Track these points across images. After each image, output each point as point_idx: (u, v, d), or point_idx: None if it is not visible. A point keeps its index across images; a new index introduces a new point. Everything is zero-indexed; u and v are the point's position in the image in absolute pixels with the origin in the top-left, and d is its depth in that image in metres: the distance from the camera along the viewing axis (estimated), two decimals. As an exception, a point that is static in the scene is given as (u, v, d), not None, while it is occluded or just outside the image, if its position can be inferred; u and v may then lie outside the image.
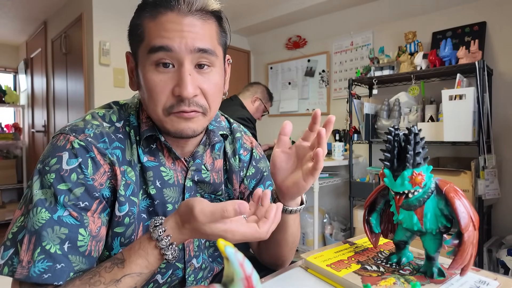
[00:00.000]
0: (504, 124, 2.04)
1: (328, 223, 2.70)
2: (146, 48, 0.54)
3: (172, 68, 0.54)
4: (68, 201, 0.50)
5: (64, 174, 0.51)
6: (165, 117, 0.55)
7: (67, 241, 0.49)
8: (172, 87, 0.54)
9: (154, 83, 0.54)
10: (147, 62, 0.54)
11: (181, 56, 0.53)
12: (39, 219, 0.48)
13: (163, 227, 0.49)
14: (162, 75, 0.54)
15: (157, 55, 0.53)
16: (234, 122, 0.78)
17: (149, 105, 0.56)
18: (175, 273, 0.64)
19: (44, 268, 0.47)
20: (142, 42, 0.55)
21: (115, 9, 2.55)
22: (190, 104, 0.54)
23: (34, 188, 0.50)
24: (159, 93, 0.54)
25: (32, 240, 0.47)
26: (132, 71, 0.61)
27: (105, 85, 2.53)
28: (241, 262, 0.31)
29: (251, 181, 0.74)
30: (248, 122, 1.99)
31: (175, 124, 0.56)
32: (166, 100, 0.54)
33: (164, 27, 0.53)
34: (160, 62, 0.53)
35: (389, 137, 0.51)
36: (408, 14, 2.45)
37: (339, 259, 0.59)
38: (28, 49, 4.01)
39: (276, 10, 2.95)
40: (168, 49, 0.52)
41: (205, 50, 0.54)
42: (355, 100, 2.30)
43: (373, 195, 0.60)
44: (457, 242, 0.48)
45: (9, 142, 3.72)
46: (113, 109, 0.62)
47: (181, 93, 0.53)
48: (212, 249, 0.71)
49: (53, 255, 0.47)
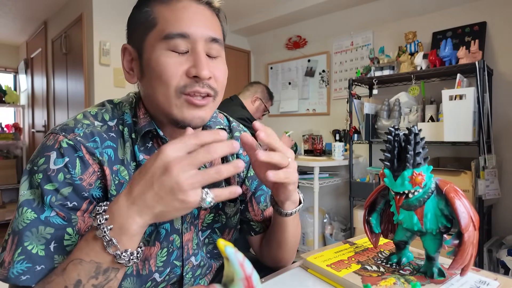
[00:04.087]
0: (504, 124, 2.04)
1: (328, 223, 2.70)
2: (160, 34, 0.53)
3: (186, 53, 0.54)
4: (55, 201, 0.49)
5: (51, 174, 0.50)
6: (176, 99, 0.54)
7: (52, 241, 0.48)
8: (187, 68, 0.54)
9: (167, 64, 0.53)
10: (160, 47, 0.54)
11: (197, 42, 0.54)
12: (24, 219, 0.48)
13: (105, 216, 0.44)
14: (176, 57, 0.54)
15: (174, 41, 0.53)
16: (234, 121, 0.77)
17: (159, 89, 0.54)
18: (173, 271, 0.63)
19: (22, 270, 0.46)
20: (153, 28, 0.55)
21: (115, 9, 2.55)
22: (204, 86, 0.54)
23: (23, 189, 0.50)
24: (173, 73, 0.53)
25: (14, 240, 0.47)
26: (131, 63, 0.60)
27: (105, 85, 2.53)
28: (241, 262, 0.31)
29: (252, 182, 0.74)
30: (248, 122, 1.99)
31: (184, 111, 0.55)
32: (179, 80, 0.54)
33: (180, 13, 0.54)
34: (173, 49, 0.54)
35: (389, 137, 0.51)
36: (408, 14, 2.45)
37: (339, 259, 0.59)
38: (28, 49, 4.02)
39: (276, 10, 2.95)
40: (186, 36, 0.53)
41: (216, 40, 0.56)
42: (355, 100, 2.30)
43: (373, 195, 0.60)
44: (457, 242, 0.48)
45: (9, 142, 3.72)
46: (106, 108, 0.61)
47: (199, 74, 0.53)
48: (212, 246, 0.70)
49: (33, 256, 0.47)
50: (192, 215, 0.65)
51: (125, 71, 0.61)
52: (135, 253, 0.45)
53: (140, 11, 0.57)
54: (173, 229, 0.62)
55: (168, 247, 0.61)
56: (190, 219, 0.64)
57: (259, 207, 0.74)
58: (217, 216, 0.69)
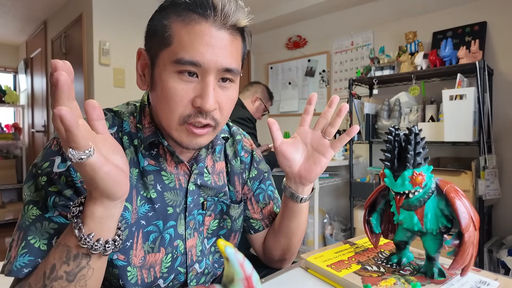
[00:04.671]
0: (504, 124, 2.04)
1: (328, 223, 2.70)
2: (173, 56, 0.51)
3: (195, 78, 0.52)
4: (58, 201, 0.51)
5: (54, 177, 0.51)
6: (178, 126, 0.54)
7: (55, 236, 0.50)
8: (193, 97, 0.52)
9: (175, 91, 0.52)
10: (171, 69, 0.52)
11: (208, 71, 0.52)
12: (30, 216, 0.50)
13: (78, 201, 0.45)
14: (184, 84, 0.52)
15: (184, 67, 0.51)
16: (233, 125, 0.78)
17: (163, 111, 0.55)
18: (177, 277, 0.63)
19: (24, 263, 0.47)
20: (168, 46, 0.52)
21: (115, 9, 2.56)
22: (207, 117, 0.53)
23: (29, 191, 0.52)
24: (178, 102, 0.52)
25: (20, 236, 0.49)
26: (144, 69, 0.58)
27: (105, 85, 2.53)
28: (241, 262, 0.31)
29: (254, 182, 0.75)
30: (248, 122, 1.99)
31: (183, 136, 0.55)
32: (184, 109, 0.53)
33: (197, 39, 0.50)
34: (184, 71, 0.52)
35: (389, 137, 0.51)
36: (409, 14, 2.44)
37: (340, 260, 0.59)
38: (28, 49, 4.02)
39: (276, 10, 2.95)
40: (197, 65, 0.51)
41: (231, 70, 0.54)
42: (355, 100, 2.30)
43: (374, 195, 0.60)
44: (457, 242, 0.48)
45: (9, 142, 3.72)
46: (106, 116, 0.61)
47: (203, 106, 0.51)
48: (218, 255, 0.70)
49: (35, 250, 0.48)
50: (196, 221, 0.65)
51: (138, 74, 0.60)
52: (110, 241, 0.45)
53: (160, 23, 0.54)
54: (177, 234, 0.62)
55: (172, 253, 0.62)
56: (194, 225, 0.65)
57: (258, 205, 0.75)
58: (222, 222, 0.70)
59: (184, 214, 0.63)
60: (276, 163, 2.26)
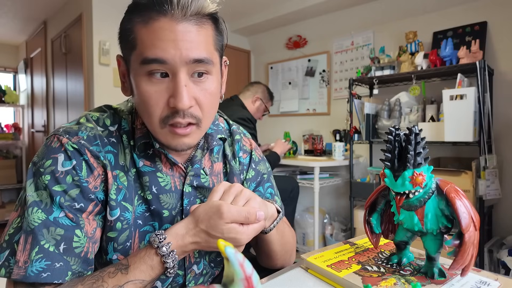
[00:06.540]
0: (505, 124, 2.04)
1: (329, 223, 2.70)
2: (139, 58, 0.51)
3: (166, 78, 0.52)
4: (64, 201, 0.50)
5: (60, 175, 0.50)
6: (161, 129, 0.54)
7: (62, 242, 0.49)
8: (167, 98, 0.52)
9: (148, 95, 0.52)
10: (140, 71, 0.51)
11: (176, 67, 0.50)
12: (34, 219, 0.48)
13: (164, 235, 0.50)
14: (156, 85, 0.51)
15: (151, 67, 0.50)
16: (234, 124, 0.77)
17: (144, 116, 0.55)
18: (175, 280, 0.63)
19: (42, 267, 0.46)
20: (134, 49, 0.52)
21: (115, 9, 2.55)
22: (185, 116, 0.52)
23: (29, 190, 0.50)
24: (154, 105, 0.52)
25: (28, 240, 0.47)
26: (124, 75, 0.58)
27: (105, 85, 2.53)
28: (241, 262, 0.31)
29: (251, 184, 0.74)
30: (249, 123, 1.99)
31: (169, 139, 0.55)
32: (161, 112, 0.53)
33: (157, 36, 0.49)
34: (154, 72, 0.51)
35: (389, 137, 0.50)
36: (409, 14, 2.44)
37: (340, 260, 0.59)
38: (28, 49, 4.02)
39: (276, 9, 2.95)
40: (162, 61, 0.50)
41: (201, 60, 0.52)
42: (355, 100, 2.30)
43: (374, 195, 0.60)
44: (457, 242, 0.48)
45: (9, 142, 3.71)
46: (107, 113, 0.61)
47: (176, 105, 0.51)
48: (214, 254, 0.70)
49: (51, 254, 0.47)
50: None
51: (121, 80, 0.60)
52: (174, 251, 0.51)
53: (125, 27, 0.54)
54: None
55: None
56: None
57: None
58: None
59: (180, 216, 0.63)
60: (277, 163, 2.26)
